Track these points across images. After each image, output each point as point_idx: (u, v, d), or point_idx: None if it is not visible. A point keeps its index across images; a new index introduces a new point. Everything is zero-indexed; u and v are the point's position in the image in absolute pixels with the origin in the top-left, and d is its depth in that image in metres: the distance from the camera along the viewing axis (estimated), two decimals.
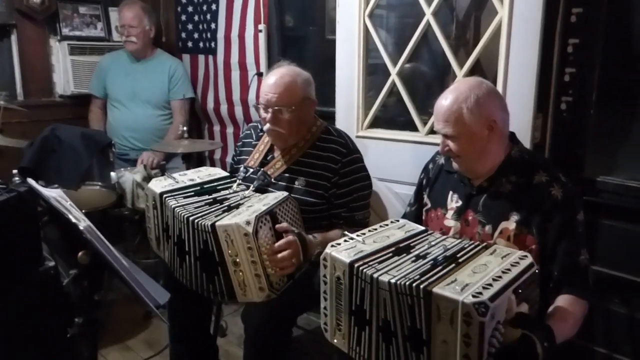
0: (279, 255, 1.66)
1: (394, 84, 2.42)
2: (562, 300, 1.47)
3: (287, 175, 1.98)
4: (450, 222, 1.69)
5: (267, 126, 1.93)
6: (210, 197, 1.87)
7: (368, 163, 2.06)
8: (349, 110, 2.55)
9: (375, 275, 1.30)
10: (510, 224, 1.55)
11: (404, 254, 1.41)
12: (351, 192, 1.95)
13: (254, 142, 2.14)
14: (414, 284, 1.22)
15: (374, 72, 2.54)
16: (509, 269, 1.25)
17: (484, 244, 1.44)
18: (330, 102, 2.62)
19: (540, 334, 1.23)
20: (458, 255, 1.37)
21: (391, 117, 2.51)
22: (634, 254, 1.93)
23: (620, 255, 1.96)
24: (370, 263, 1.36)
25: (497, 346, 1.14)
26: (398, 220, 1.66)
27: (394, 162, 2.41)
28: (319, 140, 1.99)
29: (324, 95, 2.64)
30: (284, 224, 1.71)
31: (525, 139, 1.96)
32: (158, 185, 1.92)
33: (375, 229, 1.57)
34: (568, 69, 2.00)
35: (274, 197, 1.77)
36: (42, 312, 1.37)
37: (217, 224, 1.64)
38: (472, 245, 1.44)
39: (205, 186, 1.95)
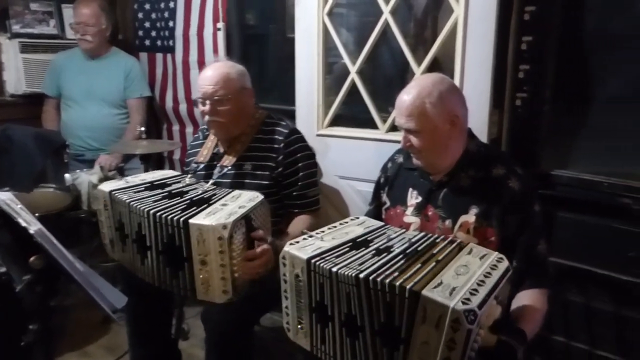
0: (250, 263, 1.65)
1: (353, 83, 2.42)
2: (527, 297, 1.49)
3: (238, 163, 2.04)
4: (410, 218, 1.70)
5: (207, 118, 1.99)
6: (164, 190, 1.85)
7: (329, 161, 2.06)
8: (309, 108, 2.55)
9: (334, 270, 1.30)
10: (470, 217, 1.58)
11: (362, 248, 1.40)
12: (298, 171, 2.02)
13: (202, 140, 2.20)
14: (396, 283, 1.20)
15: (333, 71, 2.53)
16: (489, 273, 1.26)
17: (458, 240, 1.43)
18: (291, 101, 2.62)
19: (517, 339, 1.26)
20: (434, 252, 1.36)
21: (352, 115, 2.52)
22: (588, 244, 1.98)
23: (575, 246, 2.00)
24: (328, 258, 1.35)
25: (476, 350, 1.15)
26: (358, 218, 1.66)
27: (355, 159, 2.41)
28: (262, 125, 2.08)
29: (285, 93, 2.67)
30: (260, 232, 1.69)
31: (483, 134, 2.00)
32: (107, 185, 1.89)
33: (335, 227, 1.57)
34: (522, 65, 2.03)
35: (248, 198, 1.74)
36: None
37: (190, 221, 1.59)
38: (446, 242, 1.42)
39: (155, 183, 1.92)
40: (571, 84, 2.03)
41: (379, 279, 1.23)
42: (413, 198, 1.72)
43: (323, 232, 1.52)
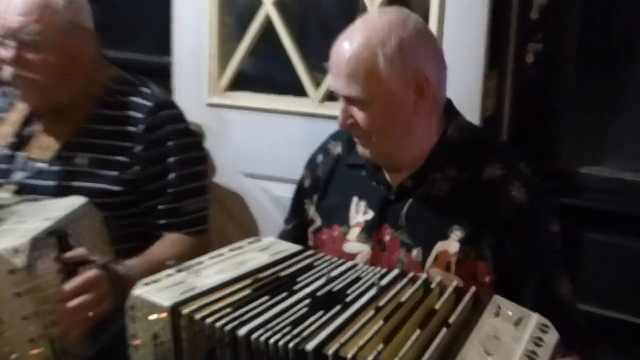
0: (73, 302, 1.54)
1: (268, 21, 2.41)
2: None
3: (64, 154, 1.97)
4: (354, 245, 1.67)
5: (9, 71, 1.89)
6: None
7: (228, 148, 2.25)
8: (195, 61, 2.55)
9: (241, 333, 1.17)
10: (451, 245, 1.55)
11: (284, 293, 1.30)
12: (167, 170, 1.98)
13: (1, 113, 2.12)
14: None
15: (237, 2, 2.54)
16: (535, 353, 1.19)
17: (473, 289, 1.33)
18: (164, 48, 2.63)
19: None
20: (436, 308, 1.26)
21: (265, 75, 2.56)
22: (632, 283, 2.01)
23: (613, 285, 2.04)
24: (219, 308, 1.24)
25: None
26: (260, 239, 1.58)
27: (271, 146, 2.44)
28: (108, 94, 2.02)
29: (156, 37, 2.72)
30: (80, 250, 1.60)
31: (472, 110, 1.99)
32: None
33: (222, 254, 1.48)
34: (537, 0, 2.05)
35: (62, 206, 1.70)
36: None
37: None
38: (451, 289, 1.31)
39: None
40: (610, 31, 2.06)
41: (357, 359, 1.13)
42: (360, 213, 1.69)
43: (200, 262, 1.42)
